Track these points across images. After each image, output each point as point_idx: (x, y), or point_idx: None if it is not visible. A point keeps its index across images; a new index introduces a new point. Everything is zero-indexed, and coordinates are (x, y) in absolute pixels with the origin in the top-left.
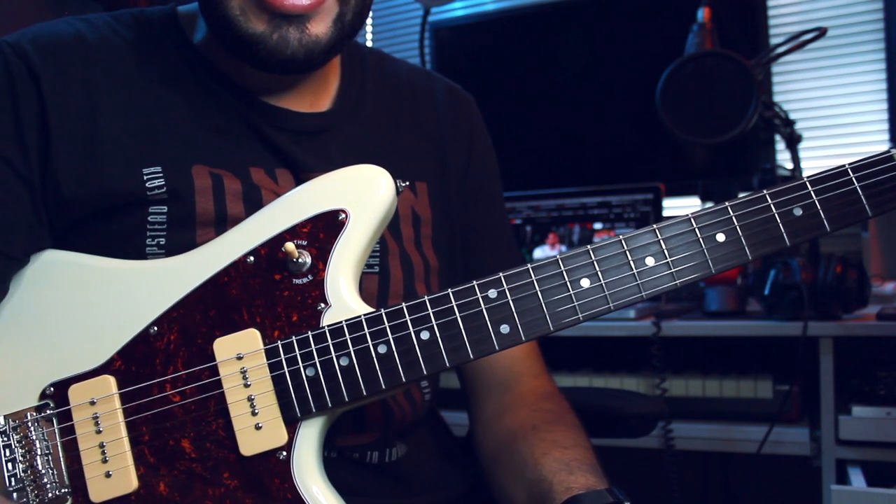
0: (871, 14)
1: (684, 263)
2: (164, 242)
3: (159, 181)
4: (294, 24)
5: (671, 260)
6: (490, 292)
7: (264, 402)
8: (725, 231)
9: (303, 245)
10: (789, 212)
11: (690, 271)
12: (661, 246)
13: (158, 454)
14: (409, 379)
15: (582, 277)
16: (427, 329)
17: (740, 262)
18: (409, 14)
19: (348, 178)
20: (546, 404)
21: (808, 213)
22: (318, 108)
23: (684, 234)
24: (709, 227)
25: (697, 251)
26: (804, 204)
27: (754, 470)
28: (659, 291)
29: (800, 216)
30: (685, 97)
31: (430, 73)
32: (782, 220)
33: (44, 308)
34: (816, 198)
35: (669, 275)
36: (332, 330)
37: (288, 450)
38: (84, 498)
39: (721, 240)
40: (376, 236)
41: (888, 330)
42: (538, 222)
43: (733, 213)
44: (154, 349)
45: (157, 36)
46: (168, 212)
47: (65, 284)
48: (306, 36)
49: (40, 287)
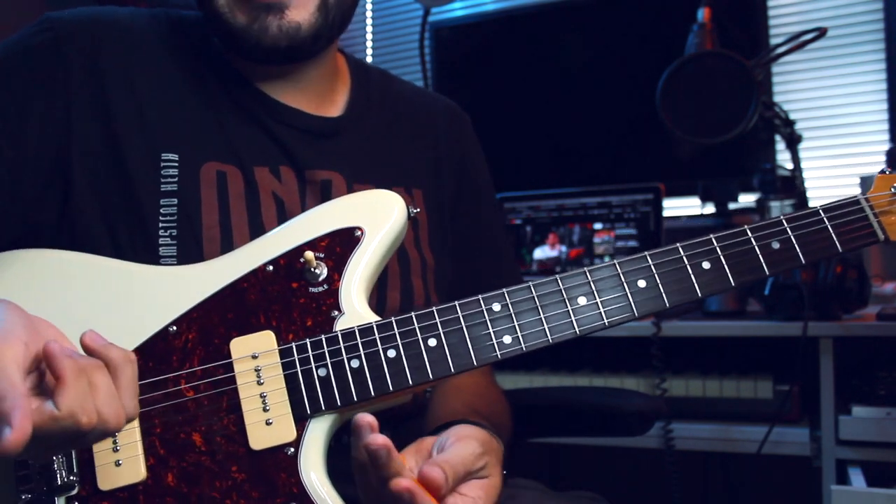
0: (871, 14)
1: (673, 287)
2: (176, 234)
3: (174, 170)
4: (273, 13)
5: (661, 284)
6: (494, 305)
7: (276, 398)
8: (710, 260)
9: (321, 257)
10: (768, 245)
11: (678, 295)
12: (652, 271)
13: (169, 446)
14: (416, 382)
15: (579, 296)
16: (434, 336)
17: (725, 289)
18: (409, 14)
19: (366, 199)
20: (490, 392)
21: (784, 246)
22: (328, 113)
23: (673, 260)
24: (696, 255)
25: (685, 276)
26: (781, 238)
27: (754, 470)
28: (650, 311)
29: (777, 249)
30: (685, 97)
31: (431, 92)
32: (762, 252)
33: (64, 306)
34: (792, 234)
35: (659, 297)
36: (344, 334)
37: (296, 446)
38: (92, 486)
39: (706, 267)
40: (389, 254)
41: (888, 330)
42: (538, 222)
43: (717, 244)
44: (172, 346)
45: (185, 34)
46: (178, 204)
47: (86, 284)
48: (285, 23)
49: (61, 285)
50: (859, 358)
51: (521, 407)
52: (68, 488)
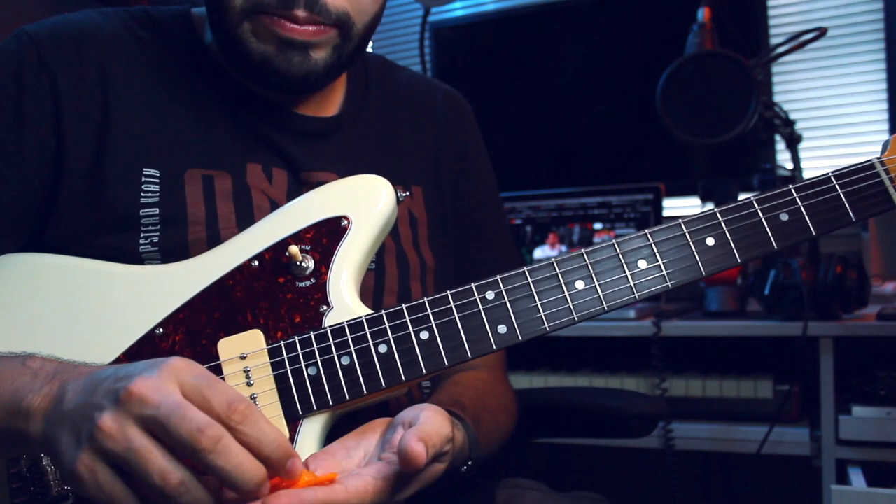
0: (871, 14)
1: (675, 266)
2: (158, 240)
3: (154, 186)
4: (299, 50)
5: (663, 263)
6: (488, 294)
7: (266, 400)
8: (715, 235)
9: (306, 250)
10: (776, 216)
11: (681, 274)
12: (652, 249)
13: None
14: (409, 377)
15: (576, 280)
16: (426, 329)
17: (730, 265)
18: (409, 14)
19: (351, 186)
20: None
21: (793, 217)
22: (324, 113)
23: (675, 238)
24: (699, 231)
25: (688, 254)
26: (790, 209)
27: (754, 470)
28: (652, 293)
29: (786, 221)
30: (685, 97)
31: (430, 80)
32: (769, 224)
33: (49, 311)
34: (802, 203)
35: (661, 277)
36: (333, 330)
37: None
38: None
39: (711, 243)
40: (378, 242)
41: (888, 330)
42: (538, 222)
43: (722, 218)
44: (159, 350)
45: (169, 35)
46: (160, 213)
47: (69, 288)
48: (308, 61)
49: (45, 291)
50: (859, 358)
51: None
52: (62, 499)
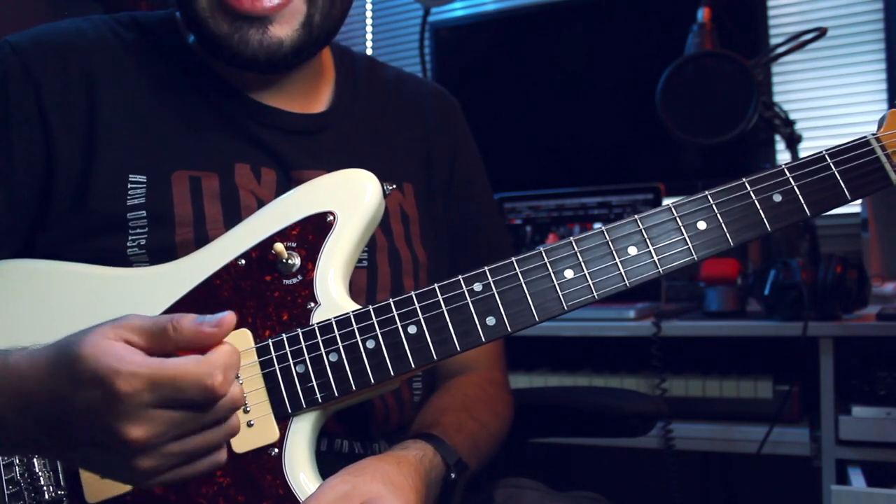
0: (871, 14)
1: (666, 252)
2: (145, 242)
3: (141, 190)
4: (255, 26)
5: (653, 249)
6: (475, 286)
7: (256, 399)
8: (706, 219)
9: (292, 247)
10: (769, 198)
11: (673, 259)
12: (643, 235)
13: None
14: (398, 372)
15: (565, 269)
16: (414, 323)
17: (722, 249)
18: (409, 14)
19: (336, 181)
20: (487, 388)
21: (787, 198)
22: (313, 110)
23: (666, 223)
24: (690, 215)
25: (679, 239)
26: (783, 190)
27: (754, 470)
28: (643, 280)
29: (779, 202)
30: (685, 97)
31: (418, 78)
32: (762, 206)
33: (39, 316)
34: (795, 184)
35: (652, 263)
36: (321, 327)
37: (279, 446)
38: (80, 499)
39: (702, 227)
40: (365, 237)
41: (888, 330)
42: (538, 222)
43: (713, 201)
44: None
45: (155, 38)
46: (147, 216)
47: (58, 292)
48: (267, 37)
49: (35, 296)
50: (859, 358)
51: (522, 407)
52: (57, 502)
